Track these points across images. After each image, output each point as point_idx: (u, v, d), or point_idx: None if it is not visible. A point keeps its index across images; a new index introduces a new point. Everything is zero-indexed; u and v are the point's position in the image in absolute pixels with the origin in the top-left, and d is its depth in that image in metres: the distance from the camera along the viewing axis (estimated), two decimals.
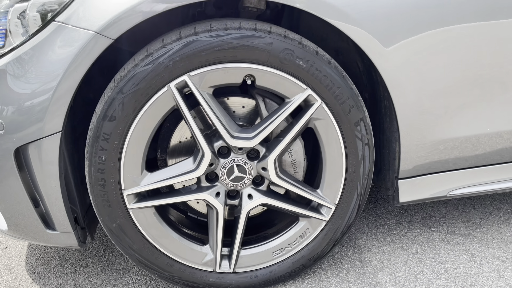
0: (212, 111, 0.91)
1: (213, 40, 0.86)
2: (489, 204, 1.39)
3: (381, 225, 1.33)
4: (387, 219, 1.36)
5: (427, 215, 1.36)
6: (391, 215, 1.38)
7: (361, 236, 1.27)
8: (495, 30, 0.96)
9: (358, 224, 1.33)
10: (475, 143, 1.05)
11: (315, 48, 0.92)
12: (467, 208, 1.38)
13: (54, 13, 0.86)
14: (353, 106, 0.95)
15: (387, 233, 1.28)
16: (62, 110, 0.87)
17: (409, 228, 1.30)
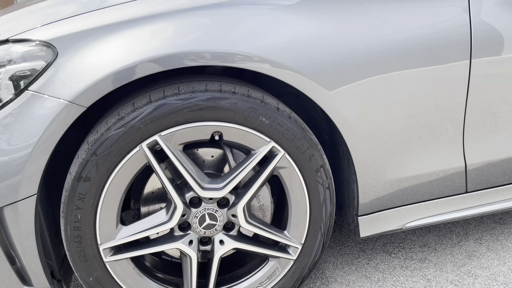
0: (183, 166, 0.97)
1: (181, 103, 0.92)
2: (442, 227, 1.51)
3: (346, 254, 1.41)
4: (351, 247, 1.44)
5: (387, 241, 1.46)
6: (355, 243, 1.47)
7: (327, 266, 1.36)
8: (432, 75, 1.06)
9: (325, 254, 1.41)
10: (425, 179, 1.15)
11: (276, 104, 1.00)
12: (424, 232, 1.49)
13: (28, 82, 0.90)
14: (313, 154, 1.03)
15: (351, 261, 1.37)
16: (37, 176, 0.90)
17: (372, 255, 1.39)
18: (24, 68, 0.91)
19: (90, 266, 0.98)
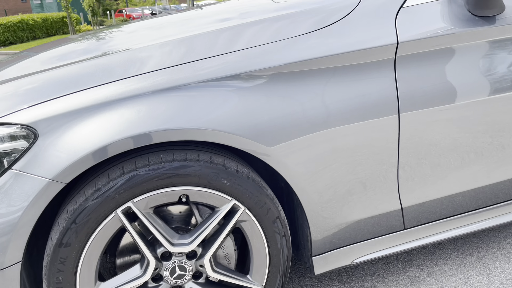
0: (154, 226, 1.09)
1: (151, 173, 1.05)
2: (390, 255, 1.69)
3: (305, 285, 1.56)
4: (310, 279, 1.59)
5: (342, 271, 1.62)
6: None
7: None
8: (366, 131, 1.22)
9: (286, 286, 1.55)
10: (368, 221, 1.32)
11: (235, 167, 1.14)
12: (374, 260, 1.66)
13: (11, 161, 0.99)
14: (270, 208, 1.18)
15: None
16: (21, 245, 1.00)
17: (328, 285, 1.55)
18: (7, 148, 1.00)
19: None
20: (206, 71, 1.10)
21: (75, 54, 1.40)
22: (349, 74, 1.19)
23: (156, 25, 1.66)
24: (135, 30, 1.70)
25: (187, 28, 1.44)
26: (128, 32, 1.68)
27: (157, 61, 1.13)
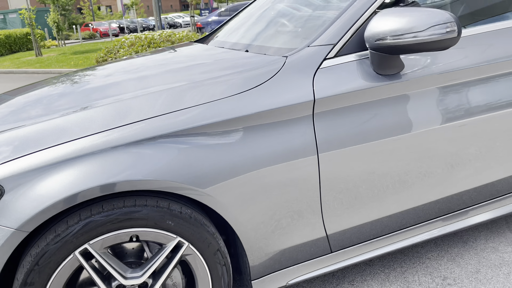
0: (108, 263, 1.27)
1: (104, 219, 1.23)
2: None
3: None
4: None
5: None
6: None
7: None
8: (290, 170, 1.43)
9: None
10: (299, 247, 1.54)
11: (179, 209, 1.33)
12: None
13: None
14: (211, 242, 1.38)
15: None
16: None
17: None
18: None
19: None
20: (149, 129, 1.30)
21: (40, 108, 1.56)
22: (275, 126, 1.41)
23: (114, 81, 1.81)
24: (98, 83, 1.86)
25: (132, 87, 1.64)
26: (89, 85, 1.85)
27: (107, 122, 1.32)
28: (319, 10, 1.87)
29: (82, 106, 1.45)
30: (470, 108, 1.62)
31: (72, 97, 1.62)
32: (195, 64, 1.79)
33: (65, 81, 1.94)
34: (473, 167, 1.69)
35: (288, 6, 2.10)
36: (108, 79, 1.83)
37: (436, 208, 1.72)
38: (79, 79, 1.94)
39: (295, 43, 1.65)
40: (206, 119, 1.34)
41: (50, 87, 1.88)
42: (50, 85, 1.93)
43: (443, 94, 1.59)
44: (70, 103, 1.54)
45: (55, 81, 1.99)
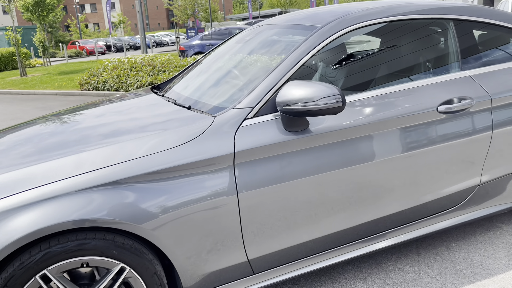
0: (63, 285, 1.60)
1: (60, 249, 1.56)
2: None
3: None
4: None
5: None
6: None
7: None
8: (213, 208, 1.80)
9: None
10: (226, 271, 1.88)
11: (122, 240, 1.67)
12: None
13: None
14: (148, 267, 1.72)
15: None
16: None
17: None
18: None
19: None
20: (96, 178, 1.65)
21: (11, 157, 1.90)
22: (202, 173, 1.77)
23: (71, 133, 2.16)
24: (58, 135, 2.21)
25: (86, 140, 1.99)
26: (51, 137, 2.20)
27: (63, 172, 1.66)
28: (255, 71, 2.25)
29: (44, 157, 1.79)
30: (362, 156, 2.00)
31: (38, 147, 1.96)
32: (142, 118, 2.15)
33: (36, 129, 2.28)
34: (364, 204, 2.07)
35: (233, 65, 2.49)
36: (68, 130, 2.16)
37: (344, 235, 2.09)
38: (46, 127, 2.28)
39: (226, 103, 2.02)
40: (144, 169, 1.70)
41: (21, 133, 2.23)
42: (22, 130, 2.27)
43: (340, 145, 1.97)
44: (36, 153, 1.88)
45: (25, 128, 2.34)
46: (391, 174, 2.08)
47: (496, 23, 2.46)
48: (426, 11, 2.33)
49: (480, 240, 2.58)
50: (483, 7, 2.54)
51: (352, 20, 2.16)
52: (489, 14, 2.47)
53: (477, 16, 2.42)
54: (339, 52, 2.28)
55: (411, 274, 2.29)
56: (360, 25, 2.17)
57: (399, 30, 2.31)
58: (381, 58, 2.31)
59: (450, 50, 2.35)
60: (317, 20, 2.24)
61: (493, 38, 2.50)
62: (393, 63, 2.28)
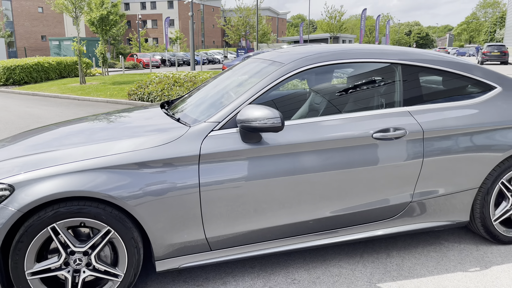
0: (66, 237, 2.26)
1: (65, 210, 2.22)
2: (215, 267, 2.81)
3: (158, 278, 2.69)
4: (158, 275, 2.72)
5: (188, 274, 2.75)
6: (176, 273, 2.75)
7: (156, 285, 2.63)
8: (180, 195, 2.40)
9: (161, 280, 2.68)
10: (188, 244, 2.47)
11: (110, 210, 2.31)
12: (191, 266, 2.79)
13: (1, 200, 2.18)
14: (127, 232, 2.34)
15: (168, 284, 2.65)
16: (0, 239, 2.17)
17: (181, 279, 2.67)
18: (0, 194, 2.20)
19: (20, 281, 2.23)
20: (96, 163, 2.31)
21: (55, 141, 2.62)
22: (174, 167, 2.39)
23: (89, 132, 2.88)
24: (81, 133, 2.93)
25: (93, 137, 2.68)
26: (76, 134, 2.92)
27: (77, 157, 2.34)
28: (230, 94, 2.87)
29: (68, 145, 2.49)
30: (303, 167, 2.54)
31: (69, 139, 2.67)
32: (141, 125, 2.82)
33: (75, 125, 3.01)
34: (303, 206, 2.59)
35: (218, 88, 3.12)
36: (88, 129, 2.88)
37: (288, 229, 2.62)
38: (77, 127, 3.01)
39: (202, 117, 2.64)
40: (132, 160, 2.34)
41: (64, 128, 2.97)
42: (65, 126, 3.01)
43: (285, 157, 2.52)
44: (57, 144, 2.58)
45: (66, 124, 3.08)
46: (327, 184, 2.60)
47: (439, 68, 2.93)
48: (375, 56, 2.86)
49: (419, 252, 3.00)
50: (430, 53, 3.02)
51: (307, 62, 2.73)
52: (434, 61, 2.95)
53: (423, 62, 2.91)
54: (300, 83, 2.85)
55: (347, 270, 2.77)
56: (316, 65, 2.73)
57: (348, 70, 2.85)
58: (332, 91, 2.85)
59: (394, 89, 2.85)
60: (284, 58, 2.83)
61: (434, 81, 2.97)
62: (342, 96, 2.82)
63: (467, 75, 3.00)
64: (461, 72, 2.99)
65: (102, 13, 20.08)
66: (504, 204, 3.03)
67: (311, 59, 2.75)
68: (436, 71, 2.96)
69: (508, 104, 2.97)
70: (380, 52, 2.90)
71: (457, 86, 3.01)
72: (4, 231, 2.17)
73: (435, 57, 2.99)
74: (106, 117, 3.19)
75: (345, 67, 2.86)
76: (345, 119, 2.68)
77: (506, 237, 3.05)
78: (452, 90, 2.99)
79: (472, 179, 2.87)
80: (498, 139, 2.87)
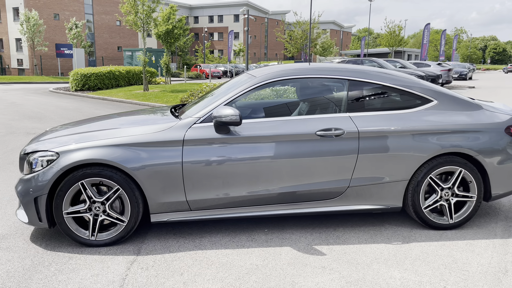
0: (91, 191, 3.34)
1: (90, 172, 3.30)
2: (205, 226, 3.75)
3: (154, 230, 3.68)
4: (154, 226, 3.72)
5: (176, 229, 3.72)
6: (171, 226, 3.74)
7: (150, 238, 3.63)
8: (168, 166, 3.39)
9: (158, 231, 3.68)
10: (175, 204, 3.45)
11: (121, 174, 3.36)
12: (176, 221, 3.74)
13: (50, 162, 3.31)
14: (131, 190, 3.37)
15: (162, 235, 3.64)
16: (47, 188, 3.28)
17: (159, 230, 3.65)
18: (50, 158, 3.33)
19: (59, 218, 3.34)
20: (114, 142, 3.37)
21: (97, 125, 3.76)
22: (167, 147, 3.39)
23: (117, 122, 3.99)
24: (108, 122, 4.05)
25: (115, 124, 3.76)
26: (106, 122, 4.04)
27: (103, 137, 3.42)
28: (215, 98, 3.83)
29: (99, 130, 3.59)
30: (260, 154, 3.43)
31: (101, 125, 3.79)
32: (150, 119, 3.88)
33: (109, 118, 4.15)
34: (259, 183, 3.47)
35: (212, 94, 4.11)
36: (115, 120, 3.98)
37: (249, 199, 3.51)
38: (110, 118, 4.14)
39: (191, 114, 3.62)
40: (138, 140, 3.38)
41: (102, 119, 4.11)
42: (103, 118, 4.16)
43: (247, 145, 3.43)
44: (97, 127, 3.69)
45: (104, 117, 4.22)
46: (279, 168, 3.46)
47: (382, 84, 3.69)
48: (329, 72, 3.70)
49: (362, 230, 3.74)
50: (375, 71, 3.78)
51: (275, 75, 3.64)
52: (378, 77, 3.71)
53: (367, 78, 3.69)
54: (266, 91, 3.76)
55: (296, 236, 3.59)
56: (280, 78, 3.63)
57: (305, 83, 3.71)
58: (290, 98, 3.72)
59: (341, 98, 3.66)
60: (258, 73, 3.76)
61: (372, 93, 3.73)
62: (297, 103, 3.68)
63: (407, 90, 3.72)
64: (401, 87, 3.72)
65: (168, 27, 22.05)
66: (434, 196, 3.69)
67: (276, 74, 3.65)
68: (380, 86, 3.72)
69: (438, 115, 3.65)
70: (331, 69, 3.73)
71: (398, 98, 3.75)
72: (51, 182, 3.29)
73: (380, 74, 3.76)
74: (130, 113, 4.30)
75: (301, 81, 3.73)
76: (295, 120, 3.54)
77: (436, 223, 3.70)
78: (393, 101, 3.74)
79: (402, 172, 3.58)
80: (425, 142, 3.56)
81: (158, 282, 2.88)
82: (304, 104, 3.72)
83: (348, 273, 2.98)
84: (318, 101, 3.73)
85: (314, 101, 3.73)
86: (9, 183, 5.13)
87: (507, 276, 2.94)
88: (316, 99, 3.74)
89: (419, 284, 2.83)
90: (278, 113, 3.85)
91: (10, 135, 8.49)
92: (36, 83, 27.96)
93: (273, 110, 3.99)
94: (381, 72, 3.81)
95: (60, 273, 2.99)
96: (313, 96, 3.74)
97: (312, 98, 3.74)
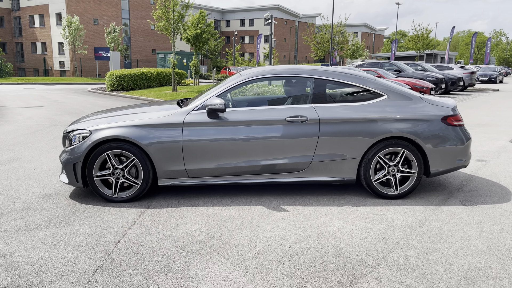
0: (114, 160, 4.46)
1: (113, 145, 4.43)
2: (202, 192, 4.81)
3: (161, 193, 4.77)
4: (160, 189, 4.80)
5: (178, 193, 4.79)
6: (179, 190, 4.82)
7: (164, 197, 4.72)
8: (170, 142, 4.47)
9: (163, 195, 4.78)
10: (176, 171, 4.52)
11: (135, 148, 4.46)
12: (178, 185, 4.81)
13: (84, 137, 4.46)
14: (143, 159, 4.47)
15: (176, 196, 4.73)
16: (82, 155, 4.43)
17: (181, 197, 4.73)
18: (84, 134, 4.48)
19: (90, 180, 4.47)
20: (132, 123, 4.48)
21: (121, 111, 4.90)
22: (171, 128, 4.48)
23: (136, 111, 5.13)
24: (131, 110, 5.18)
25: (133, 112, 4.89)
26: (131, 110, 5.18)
27: (125, 120, 4.54)
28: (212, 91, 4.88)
29: (122, 115, 4.72)
30: (241, 135, 4.45)
31: (125, 111, 4.92)
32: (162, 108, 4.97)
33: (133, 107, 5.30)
34: (241, 157, 4.49)
35: (213, 87, 5.17)
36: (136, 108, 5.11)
37: (234, 169, 4.54)
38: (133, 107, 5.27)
39: (191, 103, 4.69)
40: (150, 122, 4.48)
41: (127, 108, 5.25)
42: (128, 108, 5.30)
43: (231, 128, 4.46)
44: (122, 112, 4.83)
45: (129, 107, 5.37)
46: (256, 145, 4.48)
47: (341, 81, 4.65)
48: (299, 73, 4.69)
49: (325, 198, 4.69)
50: (337, 71, 4.74)
51: (256, 74, 4.66)
52: (338, 76, 4.67)
53: (329, 77, 4.66)
54: (251, 87, 4.79)
55: (269, 200, 4.59)
56: (260, 77, 4.66)
57: (283, 81, 4.72)
58: (268, 93, 4.73)
59: (307, 93, 4.64)
60: (245, 73, 4.80)
61: (333, 89, 4.69)
62: (274, 96, 4.68)
63: (362, 86, 4.66)
64: (358, 84, 4.67)
65: (197, 31, 23.40)
66: (382, 171, 4.61)
67: (257, 74, 4.68)
68: (340, 83, 4.68)
69: (386, 107, 4.57)
70: (301, 70, 4.72)
71: (354, 93, 4.69)
72: (85, 153, 4.45)
73: (340, 73, 4.71)
74: (148, 104, 5.43)
75: (280, 79, 4.73)
76: (270, 108, 4.55)
77: (384, 193, 4.62)
78: (350, 95, 4.68)
79: (355, 151, 4.52)
80: (373, 127, 4.49)
81: (159, 223, 3.96)
82: (279, 97, 4.72)
83: (300, 222, 3.96)
84: (290, 95, 4.72)
85: (287, 94, 4.72)
86: (54, 161, 6.38)
87: (422, 227, 3.84)
88: (288, 93, 4.73)
89: (350, 230, 3.78)
90: (258, 104, 4.89)
91: (54, 127, 9.89)
92: (76, 83, 30.06)
93: (255, 102, 5.02)
94: (342, 72, 4.76)
95: (91, 216, 4.12)
96: (286, 91, 4.74)
97: (285, 92, 4.74)
